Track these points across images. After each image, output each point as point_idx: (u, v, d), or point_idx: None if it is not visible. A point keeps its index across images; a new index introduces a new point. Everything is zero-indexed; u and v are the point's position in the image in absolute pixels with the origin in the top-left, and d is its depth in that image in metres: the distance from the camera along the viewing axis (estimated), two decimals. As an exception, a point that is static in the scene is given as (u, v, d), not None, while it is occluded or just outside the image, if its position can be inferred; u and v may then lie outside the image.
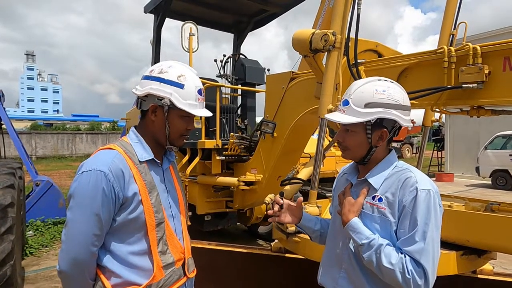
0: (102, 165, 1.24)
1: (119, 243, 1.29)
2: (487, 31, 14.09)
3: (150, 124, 1.39)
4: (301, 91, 3.15)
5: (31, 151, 23.04)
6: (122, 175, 1.26)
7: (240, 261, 2.96)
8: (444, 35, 2.62)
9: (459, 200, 2.52)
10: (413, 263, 1.17)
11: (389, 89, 1.30)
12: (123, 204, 1.27)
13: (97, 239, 1.25)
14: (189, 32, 4.15)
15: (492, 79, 1.91)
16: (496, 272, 2.48)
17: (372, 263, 1.22)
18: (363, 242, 1.24)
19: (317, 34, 2.28)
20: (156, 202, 1.34)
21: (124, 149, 1.33)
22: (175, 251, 1.39)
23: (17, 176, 4.08)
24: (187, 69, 1.39)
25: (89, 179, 1.23)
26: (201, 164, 4.58)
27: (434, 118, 2.95)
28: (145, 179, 1.32)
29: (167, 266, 1.35)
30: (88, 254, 1.24)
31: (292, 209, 1.56)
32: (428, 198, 1.21)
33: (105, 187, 1.22)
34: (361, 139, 1.32)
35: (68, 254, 1.24)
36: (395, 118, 1.28)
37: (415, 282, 1.15)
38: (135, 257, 1.29)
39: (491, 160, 12.39)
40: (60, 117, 68.92)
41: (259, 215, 5.29)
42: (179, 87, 1.33)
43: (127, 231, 1.29)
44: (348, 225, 1.29)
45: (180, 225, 1.46)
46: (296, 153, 3.71)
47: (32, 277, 4.40)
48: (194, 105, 1.37)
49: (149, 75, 1.36)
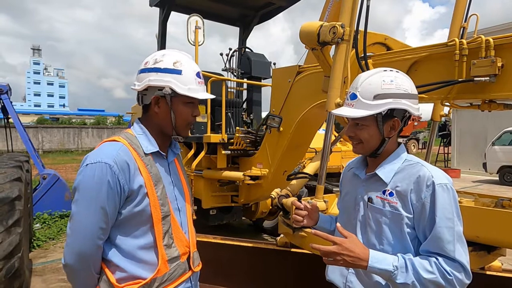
0: (107, 157, 1.22)
1: (124, 237, 1.27)
2: (498, 24, 13.86)
3: (155, 116, 1.36)
4: (308, 85, 3.12)
5: (38, 145, 23.25)
6: (127, 167, 1.24)
7: (245, 256, 2.96)
8: (454, 28, 2.57)
9: (468, 196, 2.48)
10: (448, 261, 1.15)
11: (397, 79, 1.27)
12: (129, 196, 1.25)
13: (103, 233, 1.23)
14: (195, 25, 4.11)
15: (505, 72, 1.87)
16: (505, 269, 2.45)
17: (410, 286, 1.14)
18: (395, 264, 1.15)
19: (325, 26, 2.24)
20: (162, 195, 1.32)
21: (129, 141, 1.31)
22: (181, 245, 1.37)
23: (24, 170, 4.11)
24: (181, 54, 1.36)
25: (94, 172, 1.21)
26: (206, 158, 4.57)
27: (443, 113, 2.90)
28: (150, 171, 1.30)
29: (172, 260, 1.33)
30: (93, 248, 1.22)
31: (308, 211, 1.54)
32: (447, 192, 1.19)
33: (110, 179, 1.20)
34: (373, 132, 1.29)
35: (73, 248, 1.22)
36: (405, 107, 1.26)
37: (457, 279, 1.13)
38: (140, 251, 1.28)
39: (499, 156, 12.25)
40: (66, 111, 69.40)
41: (264, 209, 5.29)
42: (177, 74, 1.30)
43: (132, 224, 1.28)
44: (370, 261, 1.16)
45: (186, 218, 1.44)
46: (302, 147, 3.68)
47: (40, 269, 4.45)
48: (195, 89, 1.34)
49: (145, 68, 1.33)
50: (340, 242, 1.17)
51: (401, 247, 1.25)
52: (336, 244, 1.17)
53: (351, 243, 1.17)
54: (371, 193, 1.34)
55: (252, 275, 2.94)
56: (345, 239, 1.18)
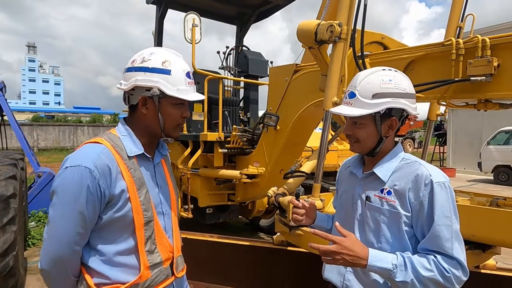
0: (87, 161, 1.16)
1: (104, 242, 1.23)
2: (494, 24, 13.96)
3: (142, 117, 1.30)
4: (305, 84, 3.12)
5: (33, 143, 23.09)
6: (109, 171, 1.18)
7: (241, 254, 2.96)
8: (451, 27, 2.58)
9: (464, 195, 2.50)
10: (446, 259, 1.16)
11: (395, 78, 1.28)
12: (110, 202, 1.20)
13: (81, 238, 1.19)
14: (191, 23, 4.09)
15: (501, 72, 1.88)
16: (499, 267, 2.47)
17: (409, 284, 1.14)
18: (394, 263, 1.15)
19: (322, 25, 2.24)
20: (145, 200, 1.26)
21: (112, 143, 1.25)
22: (164, 250, 1.33)
23: (19, 167, 4.07)
24: (171, 53, 1.30)
25: (73, 176, 1.15)
26: (203, 157, 4.56)
27: (439, 112, 2.91)
28: (133, 175, 1.24)
29: (154, 266, 1.28)
30: (70, 253, 1.19)
31: (306, 209, 1.55)
32: (445, 190, 1.20)
33: (90, 184, 1.15)
34: (371, 131, 1.29)
35: (49, 253, 1.19)
36: (404, 107, 1.26)
37: (455, 276, 1.14)
38: (121, 257, 1.23)
39: (494, 155, 12.34)
40: (62, 109, 69.00)
41: (261, 208, 5.29)
42: (165, 74, 1.24)
43: (113, 229, 1.23)
44: (369, 259, 1.16)
45: (170, 222, 1.40)
46: (299, 146, 3.69)
47: (35, 268, 4.41)
48: (184, 90, 1.27)
49: (132, 66, 1.26)
50: (339, 241, 1.16)
51: (399, 245, 1.25)
52: (336, 243, 1.16)
53: (351, 242, 1.17)
54: (369, 191, 1.34)
55: (249, 274, 2.94)
56: (344, 238, 1.18)
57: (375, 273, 1.20)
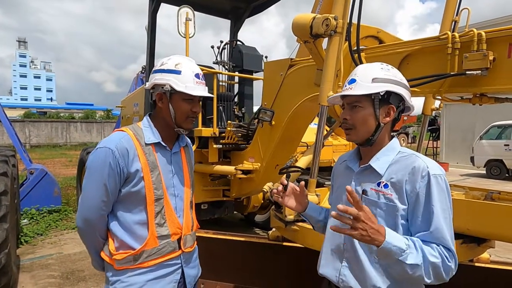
0: (111, 144, 1.46)
1: (123, 211, 1.50)
2: (489, 19, 14.04)
3: (159, 111, 1.58)
4: (300, 78, 3.10)
5: (25, 139, 22.83)
6: (127, 153, 1.46)
7: (237, 250, 2.95)
8: (446, 21, 2.57)
9: (459, 189, 2.51)
10: (445, 250, 1.17)
11: (393, 69, 1.34)
12: (127, 178, 1.47)
13: (105, 205, 1.47)
14: (185, 17, 4.03)
15: (497, 66, 1.88)
16: (492, 261, 2.49)
17: (419, 267, 1.13)
18: (407, 243, 1.13)
19: (318, 18, 2.22)
20: (157, 180, 1.51)
21: (134, 132, 1.53)
22: (172, 226, 1.55)
23: (10, 164, 4.02)
24: (185, 58, 1.57)
25: (100, 154, 1.46)
26: (198, 153, 4.53)
27: (434, 107, 2.91)
28: (148, 159, 1.50)
29: (162, 237, 1.51)
30: (97, 216, 1.48)
31: (296, 195, 1.53)
32: (442, 183, 1.21)
33: (111, 161, 1.44)
34: (368, 114, 1.29)
35: (81, 214, 1.50)
36: (402, 93, 1.29)
37: (451, 267, 1.17)
38: (136, 226, 1.49)
39: (486, 150, 12.48)
40: (54, 105, 68.23)
41: (256, 203, 5.28)
42: (176, 74, 1.51)
43: (130, 201, 1.50)
44: (387, 236, 1.11)
45: (182, 204, 1.61)
46: (294, 141, 3.67)
47: (28, 266, 4.38)
48: (192, 87, 1.51)
49: (154, 70, 1.57)
50: (366, 211, 1.12)
51: None
52: (363, 211, 1.11)
53: (372, 215, 1.13)
54: (365, 185, 1.33)
55: (244, 269, 2.93)
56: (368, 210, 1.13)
57: (386, 253, 1.13)
